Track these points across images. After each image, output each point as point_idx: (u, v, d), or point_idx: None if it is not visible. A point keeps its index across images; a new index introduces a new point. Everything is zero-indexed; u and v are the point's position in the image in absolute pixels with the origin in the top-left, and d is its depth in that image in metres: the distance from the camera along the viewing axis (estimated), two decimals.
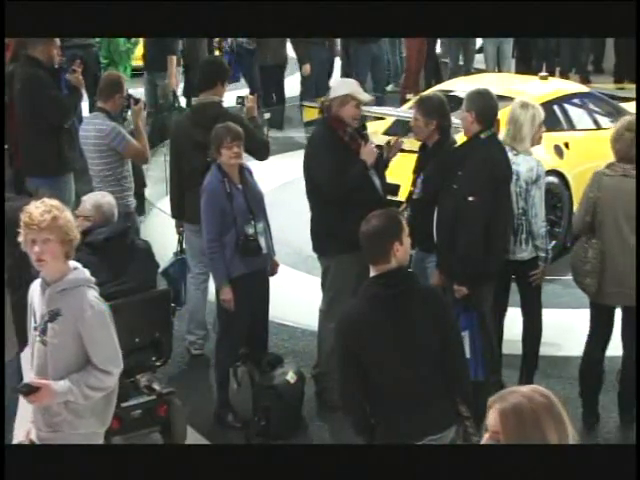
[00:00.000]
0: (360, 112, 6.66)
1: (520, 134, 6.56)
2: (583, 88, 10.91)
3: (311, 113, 6.97)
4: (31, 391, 4.47)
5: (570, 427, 3.03)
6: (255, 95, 8.34)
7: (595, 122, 9.85)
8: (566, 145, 9.36)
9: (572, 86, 10.93)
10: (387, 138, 8.53)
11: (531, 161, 6.54)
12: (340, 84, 6.86)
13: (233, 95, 8.01)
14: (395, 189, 7.96)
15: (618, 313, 6.46)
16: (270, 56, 13.42)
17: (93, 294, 4.62)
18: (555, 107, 9.56)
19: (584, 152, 8.93)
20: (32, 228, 4.47)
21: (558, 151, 9.23)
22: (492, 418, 3.05)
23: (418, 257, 6.64)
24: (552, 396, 3.06)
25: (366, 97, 6.74)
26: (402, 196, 8.15)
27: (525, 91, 9.71)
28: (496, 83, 9.61)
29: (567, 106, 9.89)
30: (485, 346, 6.16)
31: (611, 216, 6.22)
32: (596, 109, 10.19)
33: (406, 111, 9.89)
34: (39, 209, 4.50)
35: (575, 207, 8.27)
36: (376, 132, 9.34)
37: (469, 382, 4.84)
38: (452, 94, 9.04)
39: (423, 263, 6.67)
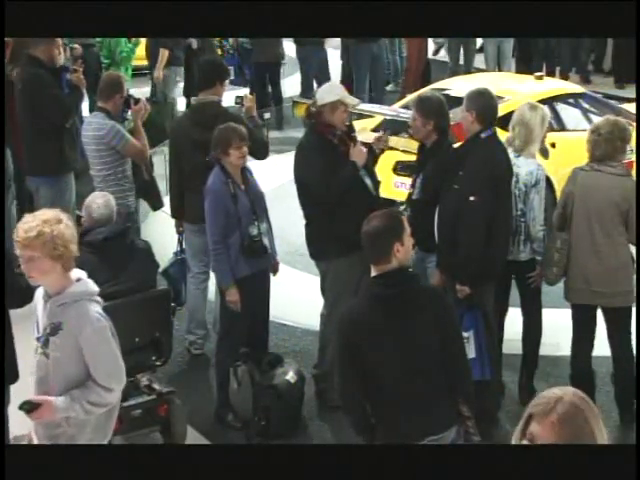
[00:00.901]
0: (348, 116, 6.71)
1: (532, 136, 6.58)
2: (578, 89, 10.84)
3: (302, 109, 6.98)
4: (33, 408, 4.41)
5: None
6: (254, 95, 8.36)
7: (590, 123, 9.80)
8: (553, 145, 9.34)
9: (566, 86, 10.88)
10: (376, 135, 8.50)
11: (531, 164, 6.54)
12: (327, 90, 6.79)
13: (233, 95, 8.02)
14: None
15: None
16: (265, 54, 13.43)
17: (95, 309, 4.48)
18: (545, 107, 9.53)
19: (572, 153, 8.78)
20: (19, 245, 4.33)
21: (543, 151, 9.20)
22: (543, 430, 2.98)
23: (418, 257, 6.63)
24: (585, 395, 3.05)
25: (355, 101, 6.82)
26: (382, 192, 8.13)
27: (517, 90, 9.69)
28: (490, 82, 9.59)
29: (559, 106, 9.84)
30: (490, 345, 6.16)
31: (582, 211, 6.27)
32: (592, 110, 10.15)
33: (396, 109, 9.88)
34: (26, 225, 4.33)
35: None
36: (365, 129, 9.33)
37: (471, 382, 4.82)
38: (446, 93, 9.03)
39: (423, 263, 6.66)
